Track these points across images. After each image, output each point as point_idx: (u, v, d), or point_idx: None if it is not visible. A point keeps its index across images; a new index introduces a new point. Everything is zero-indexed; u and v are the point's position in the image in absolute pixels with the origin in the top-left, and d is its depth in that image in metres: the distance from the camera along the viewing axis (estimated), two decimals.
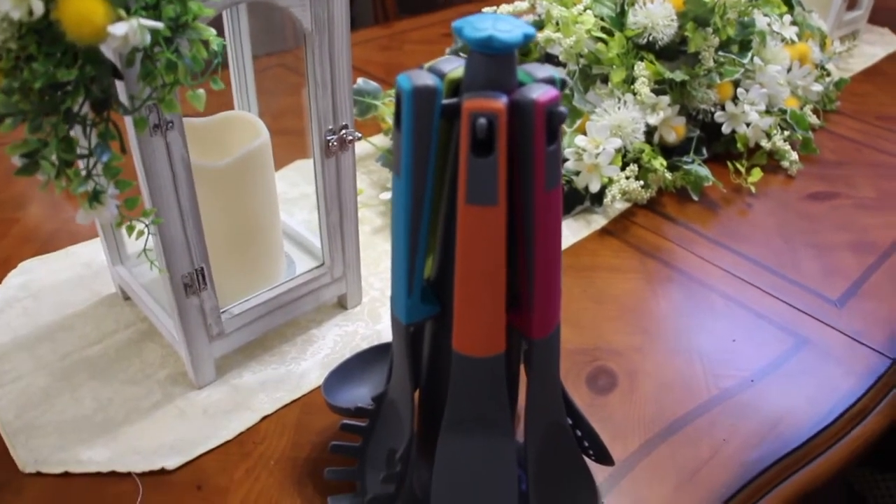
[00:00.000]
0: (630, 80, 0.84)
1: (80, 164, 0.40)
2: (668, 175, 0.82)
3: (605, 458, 0.51)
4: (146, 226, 0.45)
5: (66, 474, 0.55)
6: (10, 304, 0.68)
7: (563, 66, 0.88)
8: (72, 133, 0.39)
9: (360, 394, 0.56)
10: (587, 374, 0.64)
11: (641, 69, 0.83)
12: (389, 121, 0.84)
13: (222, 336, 0.60)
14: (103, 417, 0.58)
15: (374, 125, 0.90)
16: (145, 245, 0.46)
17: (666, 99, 0.84)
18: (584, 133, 0.81)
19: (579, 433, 0.50)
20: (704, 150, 0.88)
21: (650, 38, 0.85)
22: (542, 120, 0.35)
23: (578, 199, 0.81)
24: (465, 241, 0.37)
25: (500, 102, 0.34)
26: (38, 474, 0.55)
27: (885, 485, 0.95)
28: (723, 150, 0.91)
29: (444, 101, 0.36)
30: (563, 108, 0.35)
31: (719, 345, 0.67)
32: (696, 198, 0.85)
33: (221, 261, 0.62)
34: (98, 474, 0.55)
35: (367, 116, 0.86)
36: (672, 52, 0.87)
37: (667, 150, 0.87)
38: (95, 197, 0.40)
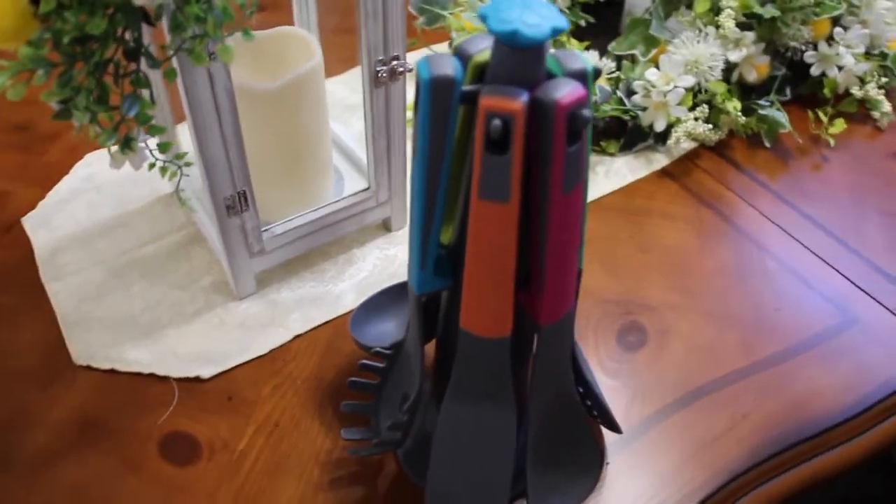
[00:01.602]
0: (715, 11, 0.78)
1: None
2: (742, 118, 0.76)
3: (612, 426, 0.52)
4: (178, 168, 0.45)
5: (113, 371, 0.59)
6: (75, 196, 0.71)
7: None
8: (105, 81, 0.39)
9: (387, 328, 0.56)
10: (618, 328, 0.63)
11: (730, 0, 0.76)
12: (455, 35, 0.81)
13: (263, 253, 0.62)
14: (149, 319, 0.61)
15: (443, 34, 0.86)
16: (178, 186, 0.46)
17: (751, 35, 0.77)
18: (657, 65, 0.76)
19: (588, 403, 0.50)
20: (788, 91, 0.81)
21: None
22: (563, 122, 0.33)
23: (641, 136, 0.77)
24: (476, 233, 0.36)
25: (519, 102, 0.32)
26: (89, 368, 0.59)
27: None
28: (807, 92, 0.84)
29: (465, 88, 0.34)
30: (587, 112, 0.33)
31: (761, 312, 0.64)
32: (768, 144, 0.79)
33: (269, 179, 0.62)
34: (139, 374, 0.58)
35: (434, 26, 0.82)
36: None
37: (746, 89, 0.81)
38: (127, 143, 0.40)
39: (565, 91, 0.32)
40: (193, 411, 0.56)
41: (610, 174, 0.75)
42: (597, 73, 0.36)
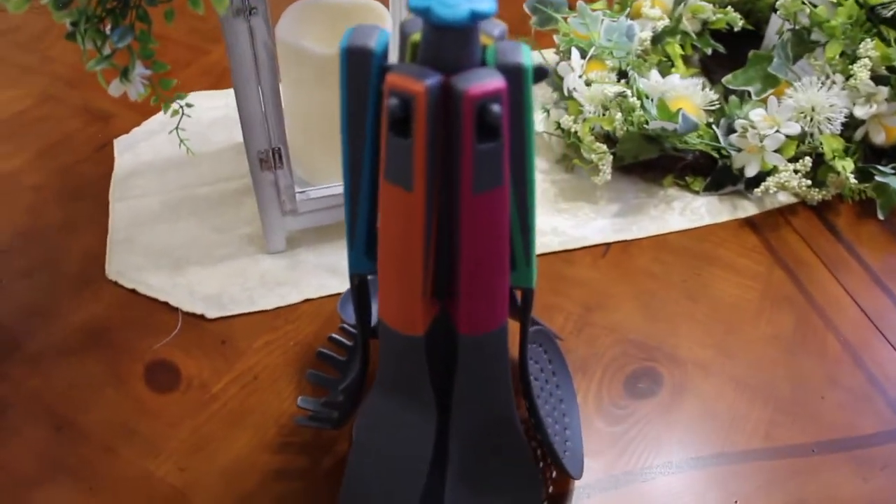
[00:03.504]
0: (851, 59, 0.68)
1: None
2: (853, 182, 0.67)
3: (561, 468, 0.47)
4: (181, 107, 0.46)
5: (134, 291, 0.61)
6: (163, 129, 0.75)
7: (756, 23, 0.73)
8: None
9: (374, 310, 0.55)
10: (630, 372, 0.57)
11: (869, 48, 0.67)
12: (558, 40, 0.77)
13: (295, 214, 0.62)
14: (182, 254, 0.64)
15: (550, 39, 0.83)
16: (178, 124, 0.47)
17: (886, 91, 0.67)
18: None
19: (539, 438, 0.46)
20: None
21: None
22: (472, 114, 0.29)
23: (730, 179, 0.69)
24: (384, 218, 0.34)
25: (422, 84, 0.29)
26: (116, 284, 0.62)
27: None
28: None
29: (384, 64, 0.32)
30: (497, 107, 0.29)
31: (803, 395, 0.56)
32: (881, 217, 0.69)
33: (314, 143, 0.63)
34: (155, 300, 0.61)
35: (545, 27, 0.79)
36: None
37: (872, 152, 0.71)
38: (124, 74, 0.42)
39: (478, 81, 0.29)
40: (187, 346, 0.58)
41: (686, 212, 0.69)
42: (541, 73, 0.32)
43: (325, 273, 0.62)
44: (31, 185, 0.71)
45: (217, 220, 0.66)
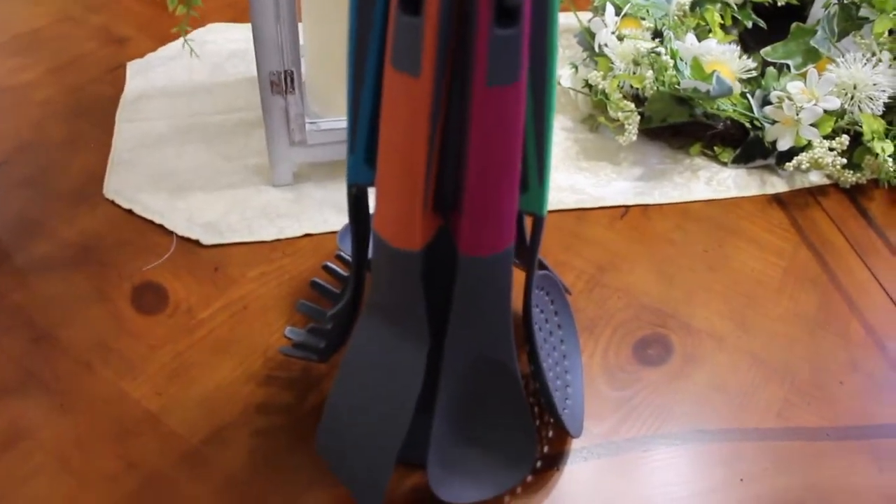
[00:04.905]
0: None
1: None
2: (891, 166, 0.62)
3: (559, 421, 0.43)
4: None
5: (130, 212, 0.58)
6: (181, 56, 0.71)
7: None
8: None
9: None
10: (640, 337, 0.53)
11: None
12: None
13: (304, 145, 0.58)
14: (186, 178, 0.60)
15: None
16: (184, 22, 0.44)
17: None
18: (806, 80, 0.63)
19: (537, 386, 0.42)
20: None
21: None
22: None
23: (761, 152, 0.65)
24: (386, 112, 0.30)
25: None
26: (112, 203, 0.59)
27: None
28: None
29: None
30: None
31: (821, 378, 0.52)
32: None
33: (331, 75, 0.59)
34: (150, 222, 0.57)
35: None
36: None
37: None
38: None
39: None
40: (178, 270, 0.54)
41: (712, 182, 0.64)
42: None
43: (329, 209, 0.58)
44: (40, 99, 0.68)
45: (225, 148, 0.63)
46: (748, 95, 0.65)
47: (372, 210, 0.35)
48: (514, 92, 0.28)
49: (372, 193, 0.35)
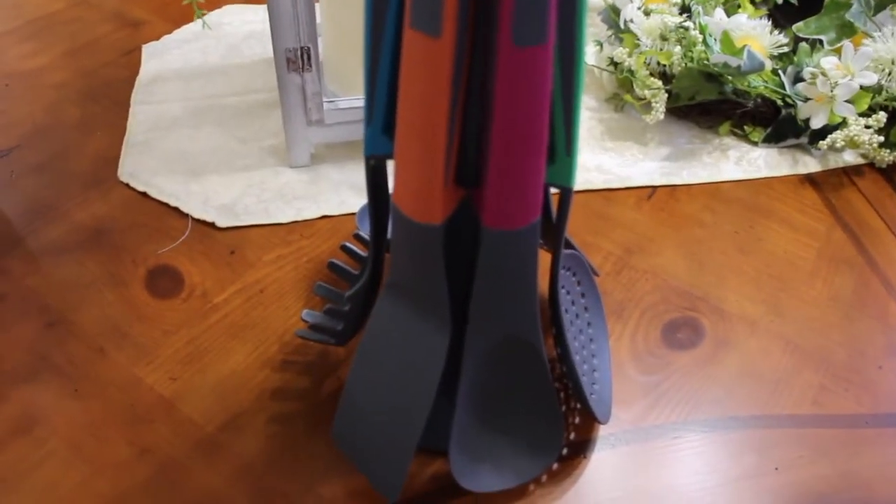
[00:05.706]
0: None
1: None
2: None
3: (587, 407, 0.41)
4: None
5: (144, 194, 0.56)
6: (196, 39, 0.70)
7: None
8: None
9: None
10: (670, 320, 0.51)
11: None
12: None
13: (321, 125, 0.56)
14: (201, 161, 0.59)
15: None
16: None
17: None
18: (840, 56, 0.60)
19: (564, 369, 0.40)
20: None
21: None
22: None
23: (793, 130, 0.62)
24: (405, 75, 0.28)
25: None
26: (127, 186, 0.57)
27: None
28: None
29: None
30: None
31: (858, 363, 0.49)
32: None
33: (349, 53, 0.57)
34: (165, 205, 0.56)
35: None
36: None
37: None
38: None
39: None
40: (194, 253, 0.53)
41: (742, 162, 0.62)
42: None
43: (347, 190, 0.57)
44: (54, 83, 0.66)
45: (241, 130, 0.61)
46: (780, 72, 0.62)
47: (391, 185, 0.33)
48: (542, 53, 0.26)
49: (391, 167, 0.33)
